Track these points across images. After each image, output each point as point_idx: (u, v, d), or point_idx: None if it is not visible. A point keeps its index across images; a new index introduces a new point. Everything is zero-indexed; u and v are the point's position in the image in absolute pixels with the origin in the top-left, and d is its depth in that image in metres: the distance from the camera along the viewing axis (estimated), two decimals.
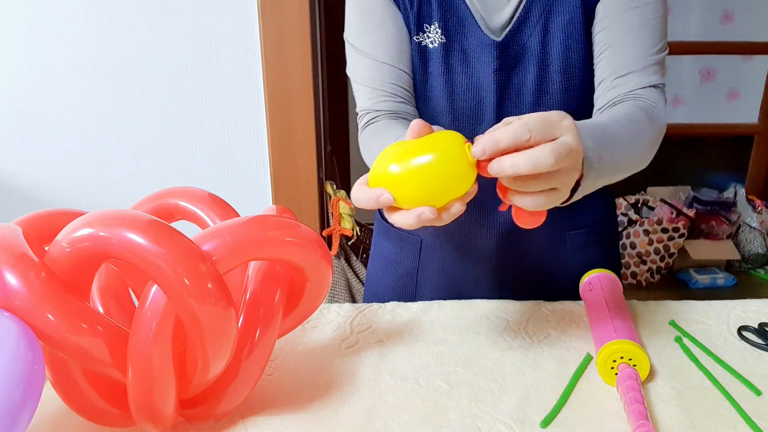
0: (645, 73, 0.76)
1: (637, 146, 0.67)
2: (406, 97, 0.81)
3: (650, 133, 0.71)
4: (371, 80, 0.81)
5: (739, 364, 0.67)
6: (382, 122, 0.79)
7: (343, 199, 1.72)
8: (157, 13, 1.41)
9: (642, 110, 0.71)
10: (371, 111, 0.81)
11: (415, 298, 0.92)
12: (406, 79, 0.81)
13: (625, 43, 0.75)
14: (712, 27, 2.79)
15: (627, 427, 0.58)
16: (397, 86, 0.80)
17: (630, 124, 0.67)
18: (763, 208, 2.58)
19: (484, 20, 0.78)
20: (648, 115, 0.71)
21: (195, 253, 0.50)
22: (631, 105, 0.72)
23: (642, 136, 0.69)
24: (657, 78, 0.77)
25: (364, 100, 0.83)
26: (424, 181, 0.53)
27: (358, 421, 0.59)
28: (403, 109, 0.81)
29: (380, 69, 0.80)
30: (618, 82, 0.76)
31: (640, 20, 0.75)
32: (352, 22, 0.82)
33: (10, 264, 0.48)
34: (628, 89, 0.76)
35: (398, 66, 0.80)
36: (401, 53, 0.80)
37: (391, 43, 0.79)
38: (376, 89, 0.80)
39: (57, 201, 1.54)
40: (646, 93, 0.75)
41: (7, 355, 0.45)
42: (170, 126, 1.50)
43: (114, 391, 0.56)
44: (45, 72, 1.44)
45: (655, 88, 0.76)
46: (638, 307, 0.79)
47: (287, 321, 0.63)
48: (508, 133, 0.51)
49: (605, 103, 0.77)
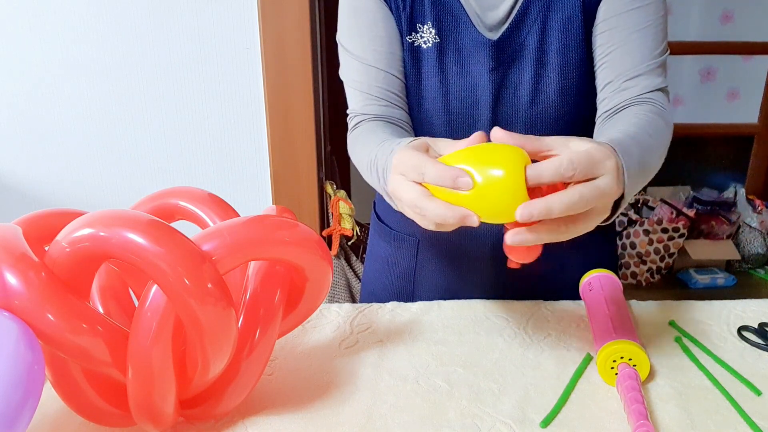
0: (652, 76, 0.76)
1: (662, 154, 0.69)
2: (395, 101, 0.81)
3: (668, 139, 0.72)
4: (360, 83, 0.81)
5: (739, 364, 0.67)
6: (368, 125, 0.79)
7: (343, 199, 1.72)
8: (157, 13, 1.41)
9: (659, 116, 0.72)
10: (359, 114, 0.81)
11: (413, 298, 0.92)
12: (396, 83, 0.80)
13: (631, 45, 0.75)
14: (712, 27, 2.79)
15: (627, 427, 0.58)
16: (385, 90, 0.80)
17: (656, 133, 0.68)
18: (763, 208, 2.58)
19: (479, 18, 0.78)
20: (665, 121, 0.72)
21: (195, 253, 0.50)
22: (648, 111, 0.72)
23: (664, 144, 0.71)
24: (662, 80, 0.77)
25: (353, 103, 0.83)
26: (487, 194, 0.51)
27: (358, 421, 0.59)
28: (391, 113, 0.81)
29: (368, 72, 0.80)
30: (627, 85, 0.76)
31: (645, 20, 0.75)
32: (344, 23, 0.82)
33: (10, 264, 0.48)
34: (637, 92, 0.75)
35: (387, 70, 0.80)
36: (391, 56, 0.79)
37: (381, 46, 0.79)
38: (365, 93, 0.80)
39: (57, 201, 1.54)
40: (656, 96, 0.75)
41: (7, 355, 0.45)
42: (170, 126, 1.50)
43: (114, 391, 0.56)
44: (45, 72, 1.44)
45: (662, 91, 0.77)
46: (638, 307, 0.79)
47: (287, 321, 0.63)
48: (551, 170, 0.51)
49: (614, 107, 0.76)
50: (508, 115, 0.80)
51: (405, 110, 0.83)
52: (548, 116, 0.79)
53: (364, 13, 0.79)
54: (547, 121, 0.80)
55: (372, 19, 0.79)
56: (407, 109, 0.83)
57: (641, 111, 0.72)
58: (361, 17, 0.79)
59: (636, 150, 0.61)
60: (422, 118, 0.82)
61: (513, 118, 0.80)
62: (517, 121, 0.80)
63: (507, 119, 0.80)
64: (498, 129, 0.55)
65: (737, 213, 2.54)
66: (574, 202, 0.51)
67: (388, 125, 0.79)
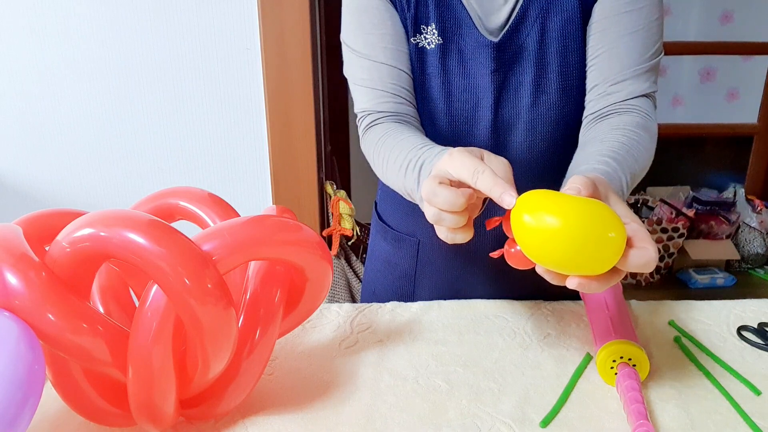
0: (638, 81, 0.76)
1: (645, 165, 0.71)
2: (407, 98, 0.80)
3: (652, 150, 0.73)
4: (371, 81, 0.79)
5: (738, 364, 0.67)
6: (389, 125, 0.77)
7: (343, 199, 1.72)
8: (157, 13, 1.41)
9: (643, 129, 0.72)
10: (373, 112, 0.80)
11: (413, 298, 0.92)
12: (405, 79, 0.80)
13: (619, 49, 0.75)
14: (712, 27, 2.79)
15: (627, 427, 0.58)
16: (397, 86, 0.79)
17: (641, 148, 0.70)
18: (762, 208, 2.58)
19: (481, 21, 0.78)
20: (649, 133, 0.73)
21: (195, 253, 0.50)
22: (630, 123, 0.72)
23: (648, 155, 0.71)
24: (649, 86, 0.77)
25: (363, 102, 0.81)
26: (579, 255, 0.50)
27: (358, 421, 0.59)
28: (404, 110, 0.80)
29: (379, 69, 0.79)
30: (612, 89, 0.76)
31: (636, 24, 0.75)
32: (349, 23, 0.81)
33: (11, 264, 0.48)
34: (621, 98, 0.76)
35: (397, 66, 0.79)
36: (400, 53, 0.79)
37: (389, 43, 0.79)
38: (377, 90, 0.79)
39: (57, 201, 1.54)
40: (640, 103, 0.76)
41: (7, 355, 0.45)
42: (170, 126, 1.50)
43: (114, 391, 0.56)
44: (45, 72, 1.44)
45: (647, 97, 0.77)
46: (638, 307, 0.80)
47: (287, 321, 0.63)
48: (641, 267, 0.51)
49: (597, 110, 0.77)
50: (510, 116, 0.80)
51: (416, 107, 0.82)
52: (549, 117, 0.80)
53: (370, 12, 0.79)
54: (548, 122, 0.80)
55: (379, 17, 0.78)
56: (417, 106, 0.82)
57: (624, 124, 0.72)
58: (367, 16, 0.79)
59: (627, 184, 0.65)
60: (425, 119, 0.82)
61: (514, 119, 0.80)
62: (518, 121, 0.80)
63: (508, 120, 0.80)
64: (579, 180, 0.54)
65: (737, 213, 2.54)
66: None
67: (408, 126, 0.77)
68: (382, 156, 0.75)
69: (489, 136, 0.80)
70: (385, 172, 0.74)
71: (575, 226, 0.49)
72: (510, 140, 0.81)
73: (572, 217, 0.50)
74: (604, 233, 0.49)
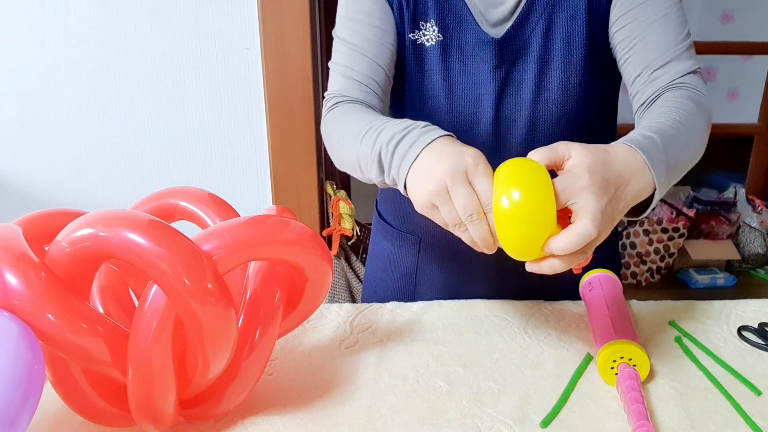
0: (681, 60, 0.74)
1: (695, 140, 0.67)
2: (376, 90, 0.79)
3: (704, 123, 0.70)
4: (343, 68, 0.79)
5: (739, 364, 0.67)
6: (351, 106, 0.77)
7: (343, 199, 1.72)
8: (157, 13, 1.41)
9: (691, 100, 0.70)
10: (337, 95, 0.79)
11: (414, 297, 0.92)
12: (380, 73, 0.79)
13: (655, 34, 0.74)
14: (712, 27, 2.79)
15: (627, 427, 0.58)
16: (368, 77, 0.79)
17: (685, 120, 0.66)
18: (763, 208, 2.58)
19: (482, 15, 0.78)
20: (697, 104, 0.70)
21: (195, 253, 0.50)
22: (678, 96, 0.70)
23: (698, 128, 0.68)
24: (693, 63, 0.74)
25: (335, 85, 0.81)
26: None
27: (358, 421, 0.59)
28: (370, 100, 0.79)
29: (354, 57, 0.78)
30: (656, 75, 0.74)
31: (664, 8, 0.74)
32: (341, 14, 0.81)
33: (10, 264, 0.48)
34: (668, 80, 0.73)
35: (374, 59, 0.78)
36: (381, 47, 0.79)
37: (372, 35, 0.78)
38: (352, 79, 0.79)
39: (57, 201, 1.54)
40: (688, 80, 0.73)
41: (7, 355, 0.45)
42: (170, 126, 1.49)
43: (114, 391, 0.56)
44: (45, 72, 1.44)
45: (694, 73, 0.74)
46: (638, 307, 0.79)
47: (287, 321, 0.63)
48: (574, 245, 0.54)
49: (647, 98, 0.74)
50: (511, 113, 0.80)
51: (385, 103, 0.81)
52: (551, 114, 0.79)
53: (361, 3, 0.79)
54: (550, 118, 0.80)
55: (369, 9, 0.78)
56: (387, 103, 0.82)
57: (672, 99, 0.70)
58: (358, 6, 0.79)
59: (661, 139, 0.61)
60: (425, 116, 0.82)
61: (516, 115, 0.80)
62: (519, 118, 0.80)
63: (510, 117, 0.80)
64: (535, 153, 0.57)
65: (737, 213, 2.54)
66: (572, 236, 0.54)
67: (370, 111, 0.76)
68: (339, 127, 0.74)
69: (490, 132, 0.80)
70: (340, 146, 0.73)
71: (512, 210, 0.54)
72: (511, 137, 0.81)
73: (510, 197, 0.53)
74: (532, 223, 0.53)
